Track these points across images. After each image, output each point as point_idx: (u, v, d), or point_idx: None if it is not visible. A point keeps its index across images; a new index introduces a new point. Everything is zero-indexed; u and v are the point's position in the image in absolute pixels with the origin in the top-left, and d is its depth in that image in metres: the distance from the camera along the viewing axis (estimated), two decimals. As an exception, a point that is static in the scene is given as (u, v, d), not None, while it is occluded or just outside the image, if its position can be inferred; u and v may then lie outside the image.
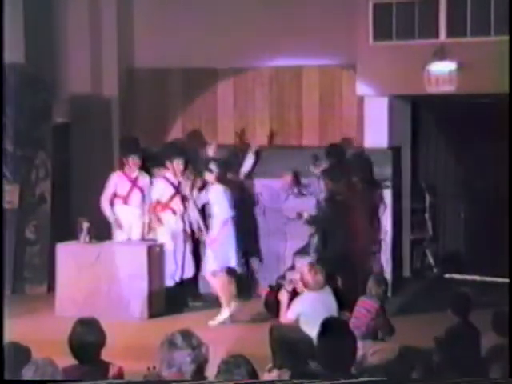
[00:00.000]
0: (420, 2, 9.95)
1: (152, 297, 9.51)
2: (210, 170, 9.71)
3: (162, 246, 9.81)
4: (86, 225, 9.46)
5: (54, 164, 10.41)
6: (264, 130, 11.05)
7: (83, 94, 11.07)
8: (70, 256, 9.63)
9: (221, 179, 9.69)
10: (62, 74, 11.13)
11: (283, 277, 9.41)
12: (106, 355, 5.74)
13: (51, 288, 10.10)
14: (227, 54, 10.80)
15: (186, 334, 5.02)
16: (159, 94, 11.41)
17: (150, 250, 9.61)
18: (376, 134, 10.39)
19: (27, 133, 10.45)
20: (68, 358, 5.61)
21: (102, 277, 9.50)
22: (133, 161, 9.97)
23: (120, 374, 5.79)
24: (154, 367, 5.07)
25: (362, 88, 10.34)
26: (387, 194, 10.18)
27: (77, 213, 10.12)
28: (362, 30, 10.24)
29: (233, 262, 9.62)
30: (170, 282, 9.90)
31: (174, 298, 9.94)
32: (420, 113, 11.30)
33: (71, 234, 9.96)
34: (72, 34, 11.13)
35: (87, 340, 5.72)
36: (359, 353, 5.98)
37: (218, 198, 9.62)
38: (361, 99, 10.55)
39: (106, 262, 9.48)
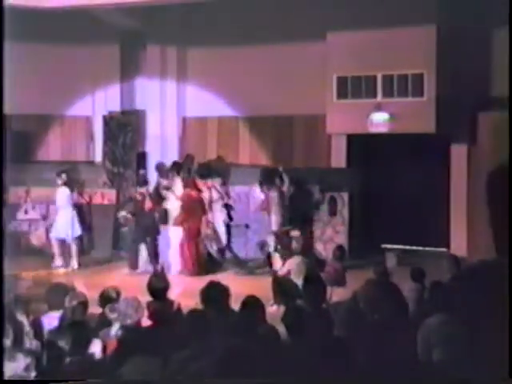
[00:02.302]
0: (365, 76, 13.60)
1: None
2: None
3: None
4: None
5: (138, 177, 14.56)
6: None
7: (155, 134, 15.64)
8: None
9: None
10: (142, 120, 15.62)
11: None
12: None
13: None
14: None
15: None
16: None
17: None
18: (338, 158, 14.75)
19: (121, 158, 14.99)
20: (147, 296, 7.11)
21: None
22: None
23: (179, 307, 7.17)
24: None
25: (330, 129, 14.08)
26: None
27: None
28: (329, 92, 13.96)
29: None
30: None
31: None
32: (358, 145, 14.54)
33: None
34: (148, 90, 15.42)
35: (158, 285, 7.21)
36: (328, 294, 7.34)
37: None
38: (330, 136, 14.41)
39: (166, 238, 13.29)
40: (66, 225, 13.46)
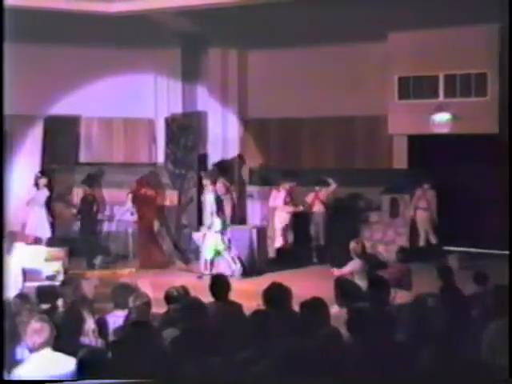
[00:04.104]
0: (427, 76, 13.63)
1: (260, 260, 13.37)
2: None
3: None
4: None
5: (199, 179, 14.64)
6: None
7: (216, 136, 15.83)
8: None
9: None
10: (203, 122, 15.79)
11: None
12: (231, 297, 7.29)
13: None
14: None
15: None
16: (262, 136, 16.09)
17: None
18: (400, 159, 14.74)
19: (182, 159, 15.15)
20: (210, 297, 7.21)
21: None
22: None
23: (240, 307, 7.23)
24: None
25: (392, 129, 14.13)
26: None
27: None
28: (390, 93, 14.07)
29: None
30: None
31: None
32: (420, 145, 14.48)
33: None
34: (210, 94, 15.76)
35: (220, 286, 7.33)
36: (391, 295, 7.42)
37: None
38: (391, 137, 14.51)
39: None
40: (39, 223, 13.83)
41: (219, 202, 13.22)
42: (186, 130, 15.31)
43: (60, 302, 7.30)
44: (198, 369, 5.04)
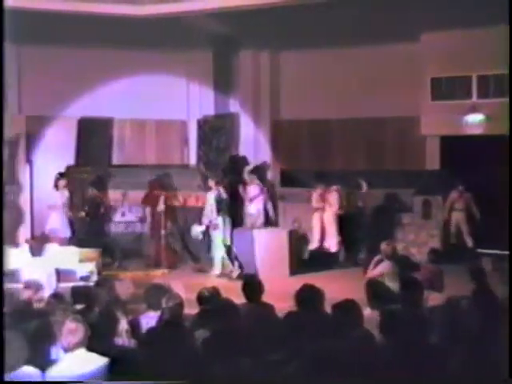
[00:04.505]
0: (460, 77, 13.64)
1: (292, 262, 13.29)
2: None
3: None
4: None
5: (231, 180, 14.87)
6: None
7: (248, 137, 15.97)
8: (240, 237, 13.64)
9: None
10: (235, 124, 15.89)
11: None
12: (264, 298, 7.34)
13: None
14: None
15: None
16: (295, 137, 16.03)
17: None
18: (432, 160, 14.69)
19: (214, 161, 15.31)
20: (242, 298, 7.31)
21: (264, 250, 13.25)
22: None
23: (272, 309, 7.29)
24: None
25: (424, 130, 14.22)
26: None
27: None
28: (423, 94, 14.14)
29: None
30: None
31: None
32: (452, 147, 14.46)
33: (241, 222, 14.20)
34: (241, 96, 15.79)
35: (253, 287, 7.39)
36: (424, 297, 7.39)
37: None
38: (423, 138, 14.54)
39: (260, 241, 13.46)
40: (58, 224, 13.78)
41: (220, 202, 13.37)
42: (218, 132, 15.45)
43: (94, 303, 7.39)
44: (229, 370, 5.05)
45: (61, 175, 14.37)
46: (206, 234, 13.75)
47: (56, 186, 14.18)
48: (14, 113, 15.21)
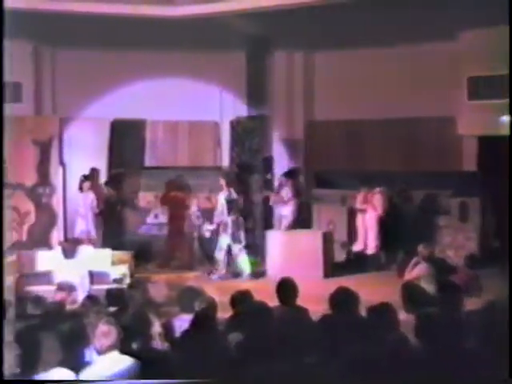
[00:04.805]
0: (498, 76, 12.88)
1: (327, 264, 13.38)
2: None
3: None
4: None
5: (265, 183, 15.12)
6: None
7: (281, 139, 15.94)
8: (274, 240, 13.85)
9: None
10: (269, 124, 15.84)
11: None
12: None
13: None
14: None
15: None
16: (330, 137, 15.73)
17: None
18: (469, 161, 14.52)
19: (246, 162, 15.39)
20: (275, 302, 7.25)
21: (297, 252, 13.20)
22: None
23: (306, 312, 7.25)
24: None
25: (461, 130, 13.95)
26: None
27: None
28: (460, 93, 13.90)
29: None
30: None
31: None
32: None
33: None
34: (275, 96, 15.87)
35: (286, 291, 7.30)
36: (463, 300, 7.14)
37: None
38: (461, 138, 14.28)
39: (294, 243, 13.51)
40: (84, 226, 14.05)
41: (230, 203, 13.41)
42: (251, 133, 15.46)
43: (127, 305, 7.43)
44: (262, 373, 5.06)
45: (85, 177, 14.54)
46: (215, 233, 13.83)
47: (81, 189, 14.38)
48: (48, 113, 15.39)
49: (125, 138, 15.86)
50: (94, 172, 15.15)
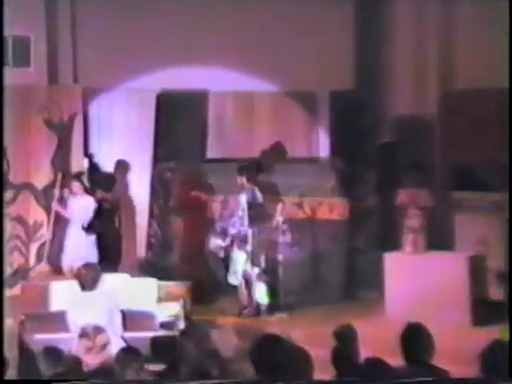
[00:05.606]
0: None
1: (475, 305, 13.16)
2: None
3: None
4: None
5: (381, 181, 14.97)
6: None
7: (406, 116, 15.82)
8: (396, 265, 13.74)
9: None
10: (386, 98, 15.88)
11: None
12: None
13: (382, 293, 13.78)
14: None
15: None
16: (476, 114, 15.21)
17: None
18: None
19: (355, 151, 15.24)
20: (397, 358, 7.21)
21: (430, 285, 13.18)
22: None
23: (447, 374, 7.18)
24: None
25: None
26: None
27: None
28: None
29: None
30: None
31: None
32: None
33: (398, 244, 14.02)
34: (396, 61, 15.97)
35: (417, 343, 7.23)
36: None
37: None
38: None
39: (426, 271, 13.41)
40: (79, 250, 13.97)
41: (253, 207, 13.69)
42: (359, 109, 15.50)
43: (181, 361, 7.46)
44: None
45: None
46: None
47: None
48: (67, 83, 15.54)
49: (178, 119, 16.01)
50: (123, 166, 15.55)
